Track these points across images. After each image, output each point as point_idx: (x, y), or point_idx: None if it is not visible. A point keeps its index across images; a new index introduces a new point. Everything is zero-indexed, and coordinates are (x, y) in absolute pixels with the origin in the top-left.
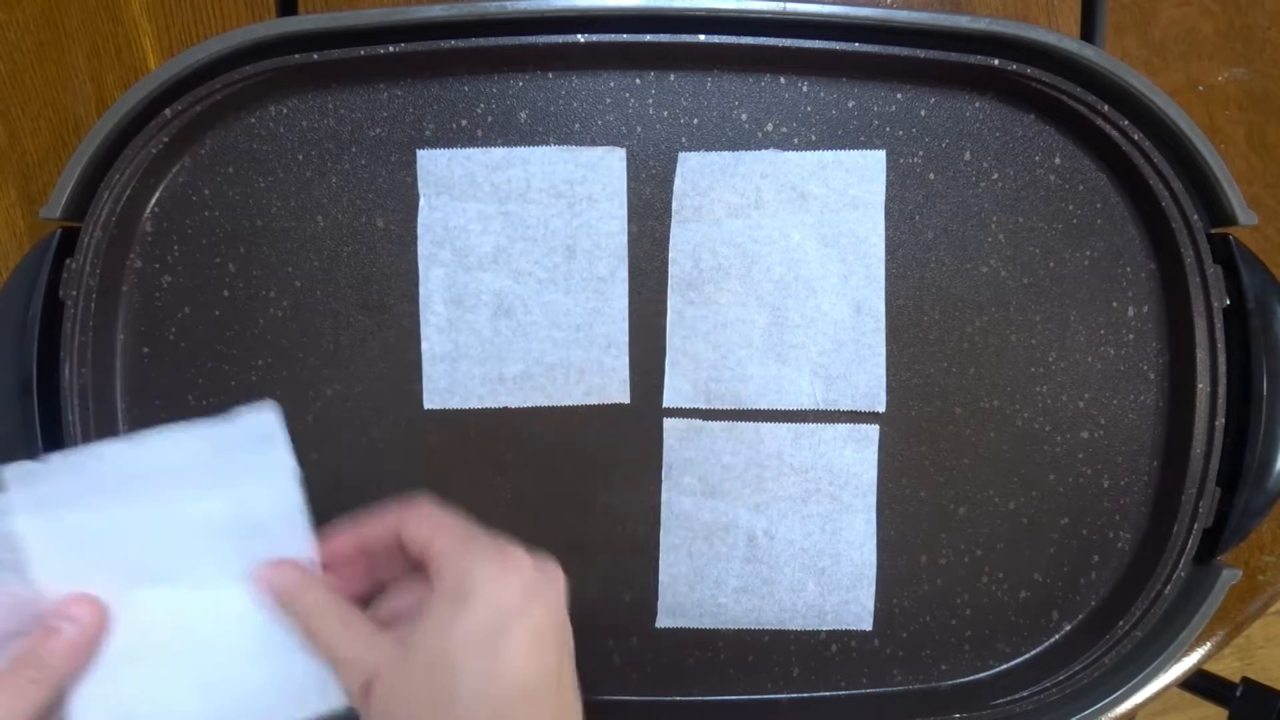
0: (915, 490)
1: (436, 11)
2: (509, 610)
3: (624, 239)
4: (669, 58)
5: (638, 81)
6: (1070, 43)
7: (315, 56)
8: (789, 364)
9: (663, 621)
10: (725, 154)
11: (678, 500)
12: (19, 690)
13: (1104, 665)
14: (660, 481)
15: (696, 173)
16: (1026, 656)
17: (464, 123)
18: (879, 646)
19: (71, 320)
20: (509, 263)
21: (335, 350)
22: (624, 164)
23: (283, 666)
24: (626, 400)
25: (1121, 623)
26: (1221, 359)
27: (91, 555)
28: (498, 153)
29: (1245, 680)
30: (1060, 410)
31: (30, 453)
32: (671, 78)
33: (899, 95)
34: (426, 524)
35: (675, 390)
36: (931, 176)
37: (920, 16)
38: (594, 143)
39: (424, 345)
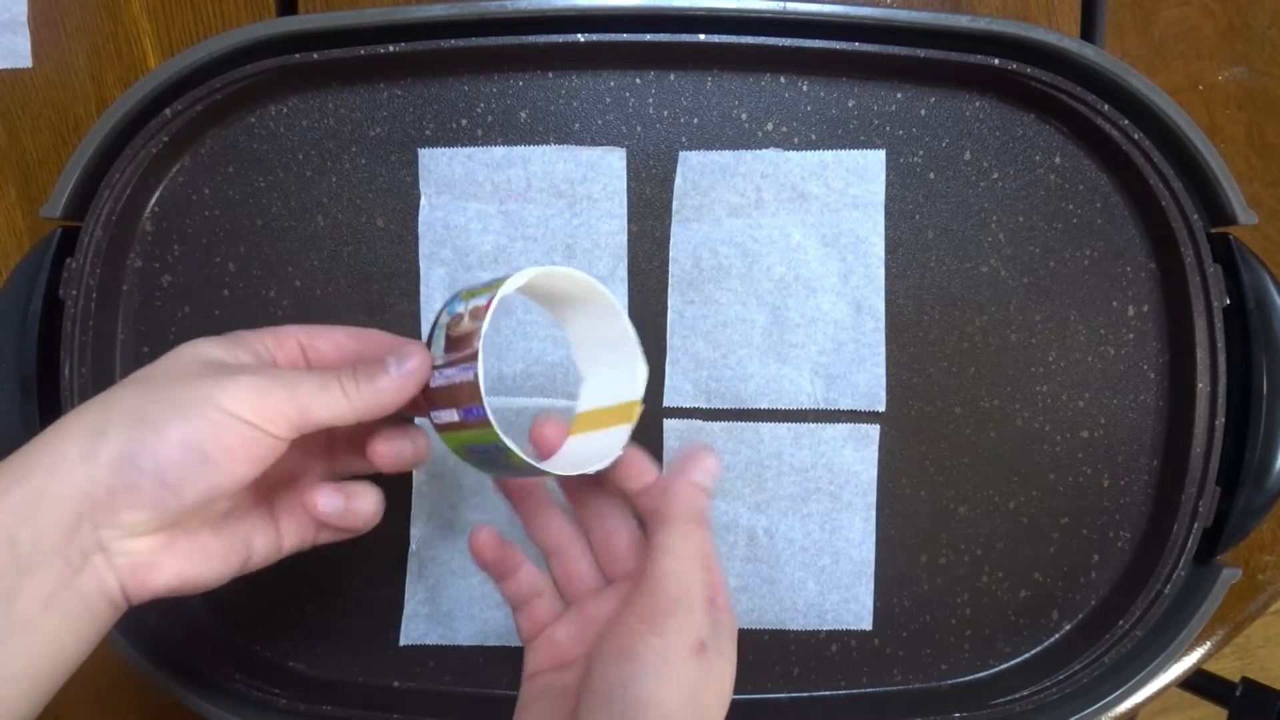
0: (915, 490)
1: (436, 11)
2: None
3: (624, 238)
4: (669, 57)
5: (638, 81)
6: (1070, 42)
7: (315, 56)
8: (789, 363)
9: None
10: (725, 153)
11: None
12: (330, 393)
13: (1104, 665)
14: None
15: (697, 172)
16: (1026, 656)
17: (464, 122)
18: (879, 646)
19: (71, 320)
20: (509, 262)
21: None
22: (624, 163)
23: None
24: None
25: (1121, 622)
26: (1221, 358)
27: None
28: (498, 152)
29: (1245, 680)
30: (1060, 410)
31: None
32: (671, 77)
33: (899, 95)
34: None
35: (675, 390)
36: (931, 176)
37: (920, 16)
38: (594, 142)
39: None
